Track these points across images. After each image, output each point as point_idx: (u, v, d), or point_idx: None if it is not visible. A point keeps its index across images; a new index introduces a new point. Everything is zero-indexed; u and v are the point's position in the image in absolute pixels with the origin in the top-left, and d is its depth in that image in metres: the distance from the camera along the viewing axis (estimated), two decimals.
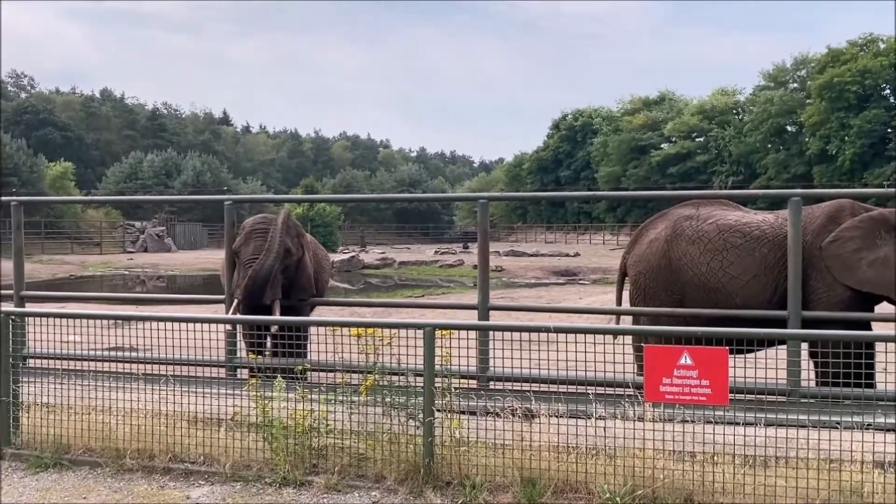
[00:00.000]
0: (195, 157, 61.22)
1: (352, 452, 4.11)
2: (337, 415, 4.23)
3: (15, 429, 4.70)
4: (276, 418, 4.20)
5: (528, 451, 3.83)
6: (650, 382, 3.59)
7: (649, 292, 7.12)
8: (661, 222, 7.37)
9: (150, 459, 4.34)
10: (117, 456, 4.38)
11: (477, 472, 3.87)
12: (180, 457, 4.34)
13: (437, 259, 39.92)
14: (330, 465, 4.11)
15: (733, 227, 6.83)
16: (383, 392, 4.10)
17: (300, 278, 7.80)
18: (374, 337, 4.20)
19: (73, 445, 4.51)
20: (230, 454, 4.27)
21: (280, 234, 7.49)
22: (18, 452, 4.57)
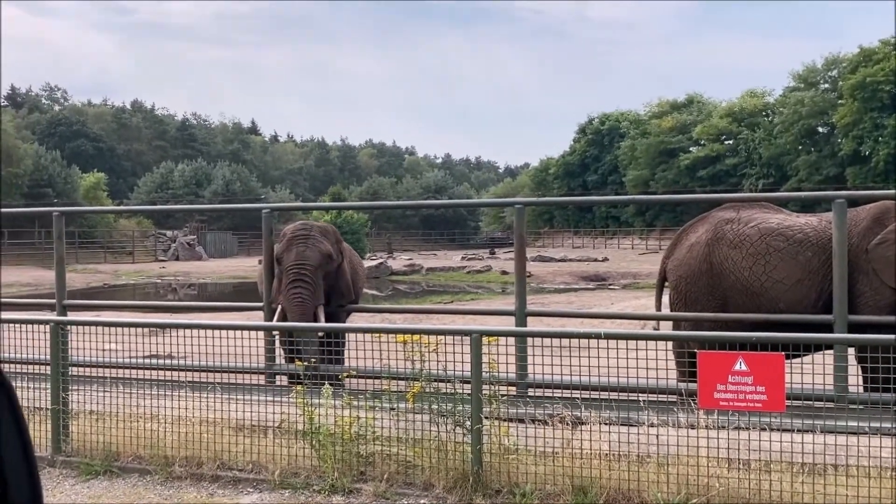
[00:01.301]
0: (225, 167, 61.90)
1: (399, 460, 4.10)
2: (382, 422, 4.22)
3: (65, 436, 4.75)
4: (324, 425, 4.20)
5: (577, 458, 3.78)
6: (704, 389, 3.54)
7: (690, 297, 7.03)
8: (701, 226, 7.28)
9: (199, 467, 4.36)
10: (166, 463, 4.41)
11: (526, 480, 3.84)
12: (228, 464, 4.36)
13: (465, 265, 39.86)
14: (377, 473, 4.10)
15: (775, 230, 6.72)
16: (430, 399, 4.08)
17: (339, 284, 7.83)
18: (420, 343, 4.18)
19: (123, 453, 4.55)
20: (278, 461, 4.28)
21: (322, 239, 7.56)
22: (69, 460, 4.62)
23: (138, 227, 51.09)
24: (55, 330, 4.68)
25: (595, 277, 34.15)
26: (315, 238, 7.62)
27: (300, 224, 7.89)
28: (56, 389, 4.67)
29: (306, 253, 7.46)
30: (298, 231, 7.70)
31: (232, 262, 46.55)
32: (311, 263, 7.42)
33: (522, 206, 7.24)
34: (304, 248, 7.50)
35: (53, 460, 4.64)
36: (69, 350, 5.29)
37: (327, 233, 7.84)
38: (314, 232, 7.69)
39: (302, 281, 7.34)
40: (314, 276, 7.41)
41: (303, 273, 7.36)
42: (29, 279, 33.67)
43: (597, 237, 59.26)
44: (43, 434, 4.84)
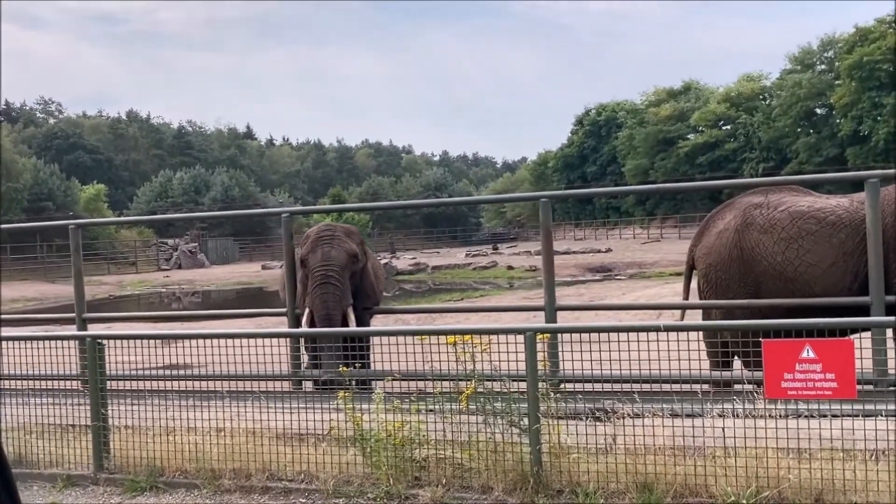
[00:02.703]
0: (223, 173, 61.79)
1: (454, 463, 4.01)
2: (433, 424, 4.13)
3: (105, 452, 4.66)
4: (375, 431, 4.11)
5: (639, 454, 3.69)
6: (770, 378, 3.45)
7: (721, 285, 6.93)
8: (729, 212, 7.17)
9: (247, 479, 4.27)
10: (213, 476, 4.31)
11: (588, 478, 3.75)
12: (277, 475, 4.27)
13: (470, 262, 39.77)
14: (433, 478, 4.01)
15: (806, 213, 6.61)
16: (484, 400, 3.98)
17: (364, 286, 7.72)
18: (471, 343, 4.09)
19: (167, 467, 4.45)
20: (328, 470, 4.19)
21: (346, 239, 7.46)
22: (112, 477, 4.53)
23: (140, 237, 50.98)
24: (92, 345, 4.58)
25: (601, 269, 34.10)
26: (340, 238, 7.52)
27: (324, 225, 7.78)
28: (96, 405, 4.58)
29: (332, 253, 7.34)
30: (323, 232, 7.59)
31: (234, 268, 46.47)
32: (338, 264, 7.30)
33: (548, 200, 7.13)
34: (330, 248, 7.39)
35: (96, 478, 4.54)
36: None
37: (351, 233, 7.74)
38: (338, 232, 7.58)
39: (329, 282, 7.22)
40: (341, 276, 7.30)
41: (330, 274, 7.25)
42: (33, 293, 33.58)
43: (598, 228, 59.21)
44: (81, 451, 4.75)
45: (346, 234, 7.66)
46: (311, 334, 6.74)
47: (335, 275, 7.26)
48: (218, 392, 4.84)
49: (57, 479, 4.57)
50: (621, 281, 29.09)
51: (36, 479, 4.64)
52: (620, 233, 55.53)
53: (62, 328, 11.01)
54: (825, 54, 46.99)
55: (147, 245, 50.95)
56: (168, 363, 5.61)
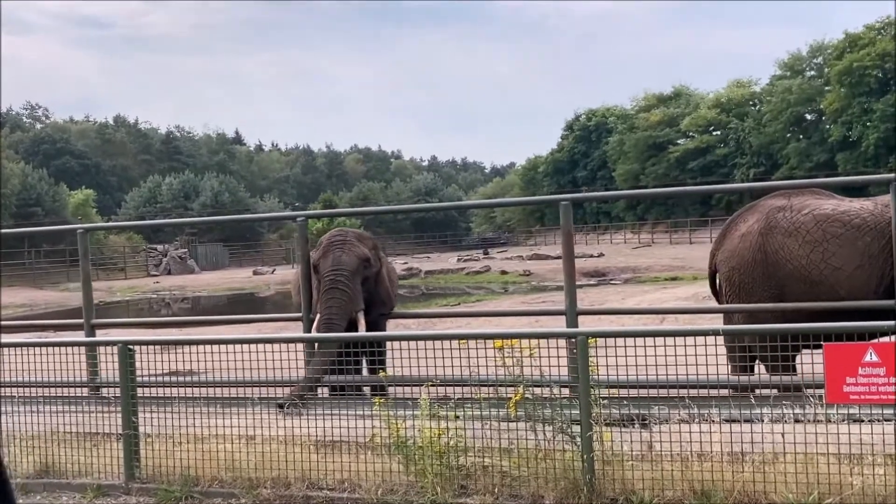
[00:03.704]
0: (213, 178, 61.45)
1: (502, 471, 3.92)
2: (476, 431, 4.04)
3: (136, 461, 4.54)
4: (420, 437, 4.01)
5: (693, 461, 3.62)
6: (832, 383, 3.39)
7: (745, 288, 6.89)
8: (752, 215, 7.14)
9: (287, 488, 4.16)
10: (251, 486, 4.20)
11: (643, 486, 3.67)
12: (318, 484, 4.16)
13: (463, 266, 39.70)
14: (480, 486, 3.92)
15: (831, 216, 6.59)
16: (533, 406, 3.90)
17: (379, 291, 7.62)
18: (516, 348, 4.01)
19: (202, 477, 4.34)
20: (370, 478, 4.09)
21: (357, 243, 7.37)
22: (145, 486, 4.41)
23: (129, 243, 50.57)
24: (123, 351, 4.46)
25: (595, 273, 34.10)
26: (351, 243, 7.43)
27: (337, 230, 7.69)
28: (127, 413, 4.45)
29: (343, 258, 7.25)
30: (335, 237, 7.51)
31: (224, 273, 46.16)
32: (348, 269, 7.21)
33: (569, 203, 7.07)
34: (341, 252, 7.30)
35: (128, 488, 4.42)
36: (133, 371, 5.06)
37: (364, 238, 7.65)
38: (350, 237, 7.50)
39: (337, 287, 7.13)
40: (351, 281, 7.20)
41: (339, 279, 7.15)
42: (23, 300, 33.21)
43: (588, 233, 59.32)
44: (109, 460, 4.62)
45: (359, 239, 7.57)
46: (356, 338, 6.61)
47: (344, 280, 7.17)
48: (248, 398, 4.74)
49: (86, 489, 4.45)
50: (617, 286, 29.10)
51: (65, 488, 4.51)
52: (611, 237, 55.67)
53: (57, 335, 10.86)
54: (815, 60, 47.39)
55: (136, 251, 50.55)
56: (183, 370, 5.49)
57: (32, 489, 4.52)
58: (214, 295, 35.94)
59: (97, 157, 68.94)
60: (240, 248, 56.84)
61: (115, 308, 31.25)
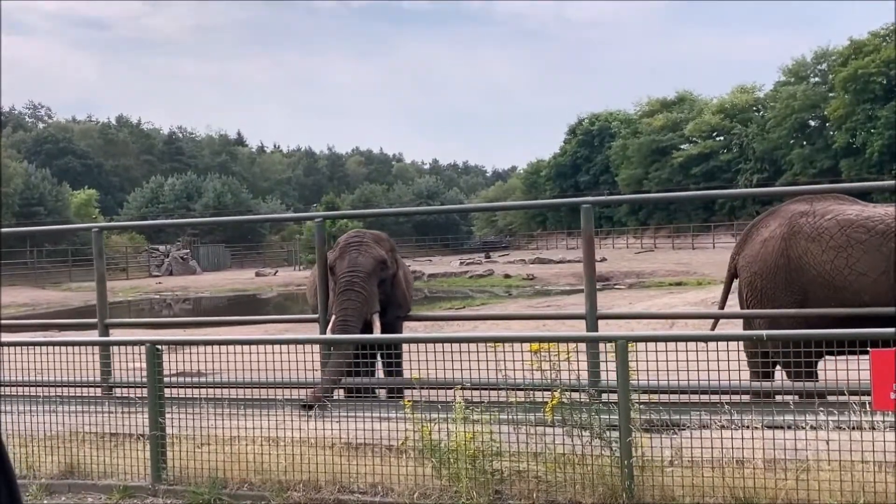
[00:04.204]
0: (215, 179, 61.40)
1: (537, 476, 3.86)
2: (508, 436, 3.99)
3: (162, 462, 4.48)
4: (449, 442, 3.96)
5: (734, 467, 3.57)
6: (879, 389, 3.34)
7: (766, 293, 6.85)
8: (773, 220, 7.10)
9: (317, 491, 4.10)
10: (281, 489, 4.14)
11: (683, 493, 3.62)
12: (349, 487, 4.10)
13: (466, 270, 39.65)
14: (515, 492, 3.87)
15: (855, 222, 6.55)
16: (570, 410, 3.85)
17: (396, 294, 7.57)
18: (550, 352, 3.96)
19: (230, 479, 4.28)
20: (403, 482, 4.03)
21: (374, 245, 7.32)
22: (172, 489, 4.35)
23: (131, 243, 50.49)
24: (151, 351, 4.41)
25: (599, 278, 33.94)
26: (368, 244, 7.38)
27: (353, 232, 7.65)
28: (154, 414, 4.40)
29: (359, 259, 7.20)
30: (352, 238, 7.47)
31: (227, 274, 46.10)
32: (364, 270, 7.16)
33: (591, 206, 7.03)
34: (357, 254, 7.25)
35: (155, 489, 4.36)
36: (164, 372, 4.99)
37: (381, 240, 7.60)
38: (367, 239, 7.46)
39: (352, 289, 7.08)
40: (367, 283, 7.16)
41: (355, 281, 7.10)
42: (25, 299, 33.14)
43: None
44: (134, 461, 4.57)
45: (375, 241, 7.52)
46: (390, 340, 6.56)
47: (360, 281, 7.12)
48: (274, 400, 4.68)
49: (112, 490, 4.39)
50: (621, 290, 29.07)
51: (90, 489, 4.46)
52: (613, 242, 55.62)
53: (61, 335, 10.83)
54: (819, 66, 47.38)
55: (138, 251, 50.47)
56: (175, 370, 5.42)
57: (57, 490, 4.47)
58: (216, 296, 35.88)
59: (99, 157, 68.90)
60: (241, 250, 56.77)
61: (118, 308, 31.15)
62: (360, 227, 52.48)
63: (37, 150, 63.03)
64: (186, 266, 49.17)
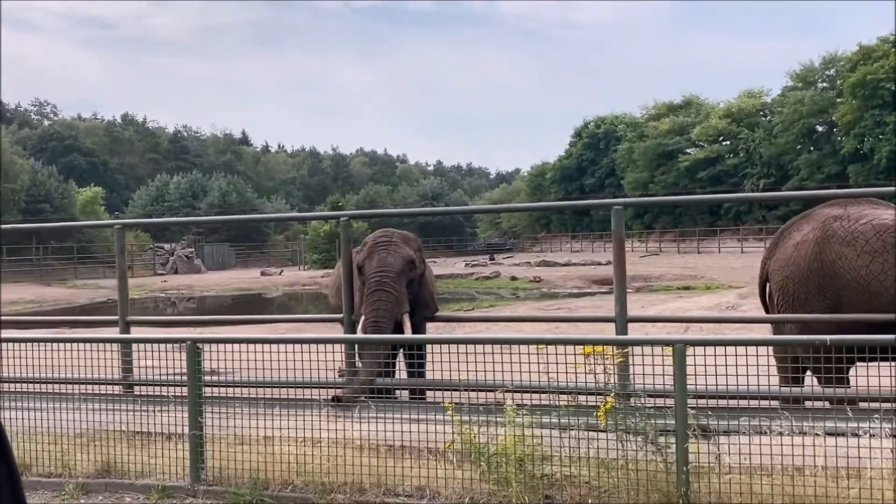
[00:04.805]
0: (220, 178, 61.37)
1: (588, 482, 3.79)
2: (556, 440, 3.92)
3: (200, 462, 4.41)
4: (501, 445, 3.89)
5: (797, 475, 3.49)
6: None
7: (799, 298, 6.77)
8: (806, 224, 7.02)
9: (361, 494, 4.03)
10: (324, 491, 4.07)
11: (741, 500, 3.54)
12: (394, 490, 4.03)
13: (472, 272, 39.57)
14: (566, 496, 3.79)
15: (891, 226, 6.47)
16: (624, 415, 3.78)
17: (423, 294, 7.50)
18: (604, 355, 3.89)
19: (271, 480, 4.20)
20: (449, 485, 3.96)
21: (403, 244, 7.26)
22: (211, 489, 4.28)
23: (136, 241, 50.47)
24: (192, 349, 4.34)
25: (606, 281, 33.88)
26: (397, 244, 7.32)
27: (381, 231, 7.58)
28: (194, 413, 4.33)
29: (388, 259, 7.13)
30: (380, 238, 7.40)
31: (231, 274, 46.03)
32: (394, 270, 7.10)
33: (622, 208, 6.96)
34: (386, 254, 7.18)
35: (194, 490, 4.29)
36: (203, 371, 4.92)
37: (409, 240, 7.54)
38: (395, 238, 7.39)
39: (383, 289, 7.01)
40: (397, 282, 7.09)
41: (385, 280, 7.04)
42: (31, 296, 33.08)
43: (595, 241, 59.19)
44: (172, 461, 4.50)
45: (404, 241, 7.45)
46: (427, 341, 6.49)
47: (390, 281, 7.05)
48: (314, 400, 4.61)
49: (150, 490, 4.32)
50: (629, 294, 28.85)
51: (127, 489, 4.38)
52: None
53: (62, 332, 10.78)
54: (827, 72, 47.29)
55: (143, 249, 50.42)
56: (214, 369, 5.35)
57: (93, 489, 4.40)
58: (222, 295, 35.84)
59: (104, 155, 68.91)
60: (246, 249, 56.73)
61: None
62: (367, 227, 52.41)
63: (42, 147, 63.05)
64: (191, 265, 49.13)
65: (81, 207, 48.62)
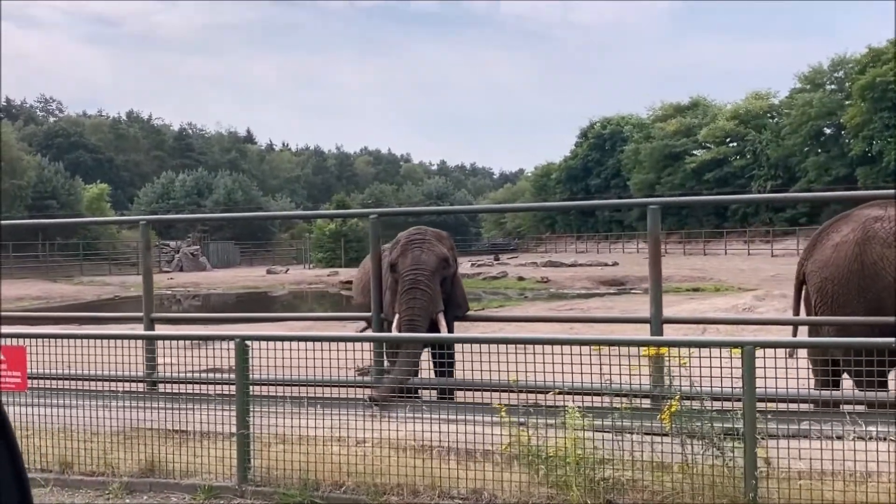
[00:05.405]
0: (226, 176, 61.32)
1: (653, 486, 3.71)
2: (614, 443, 3.83)
3: (247, 462, 4.32)
4: (559, 447, 3.81)
5: (869, 480, 3.41)
6: None
7: (838, 300, 6.67)
8: (845, 225, 6.93)
9: (415, 496, 3.94)
10: (377, 492, 3.98)
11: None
12: (448, 492, 3.94)
13: (479, 272, 39.47)
14: (627, 501, 3.71)
15: None
16: (689, 418, 3.69)
17: (456, 293, 7.42)
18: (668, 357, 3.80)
19: (322, 480, 4.12)
20: (505, 488, 3.87)
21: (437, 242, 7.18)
22: (259, 490, 4.19)
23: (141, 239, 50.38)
24: (240, 346, 4.25)
25: (614, 282, 33.80)
26: (430, 242, 7.24)
27: (415, 229, 7.49)
28: (242, 412, 4.24)
29: (422, 257, 7.05)
30: (414, 235, 7.31)
31: (237, 272, 45.97)
32: (428, 268, 7.01)
33: (658, 207, 6.86)
34: (420, 251, 7.10)
35: (242, 490, 4.20)
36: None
37: (442, 238, 7.45)
38: (429, 235, 7.31)
39: (418, 287, 6.93)
40: (432, 280, 7.01)
41: (419, 279, 6.95)
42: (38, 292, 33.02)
43: (600, 241, 59.07)
44: (216, 461, 4.41)
45: (437, 238, 7.37)
46: (477, 341, 6.40)
47: (425, 279, 6.96)
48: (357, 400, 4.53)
49: (196, 490, 4.23)
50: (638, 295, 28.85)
51: (173, 489, 4.30)
52: (623, 246, 55.41)
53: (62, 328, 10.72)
54: (836, 74, 47.14)
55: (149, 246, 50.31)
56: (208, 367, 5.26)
57: (138, 489, 4.32)
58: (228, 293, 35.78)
59: (110, 152, 68.88)
60: (251, 247, 56.67)
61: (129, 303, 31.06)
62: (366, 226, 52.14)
63: (48, 143, 62.99)
64: (197, 262, 49.06)
65: (88, 204, 48.57)
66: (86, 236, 44.40)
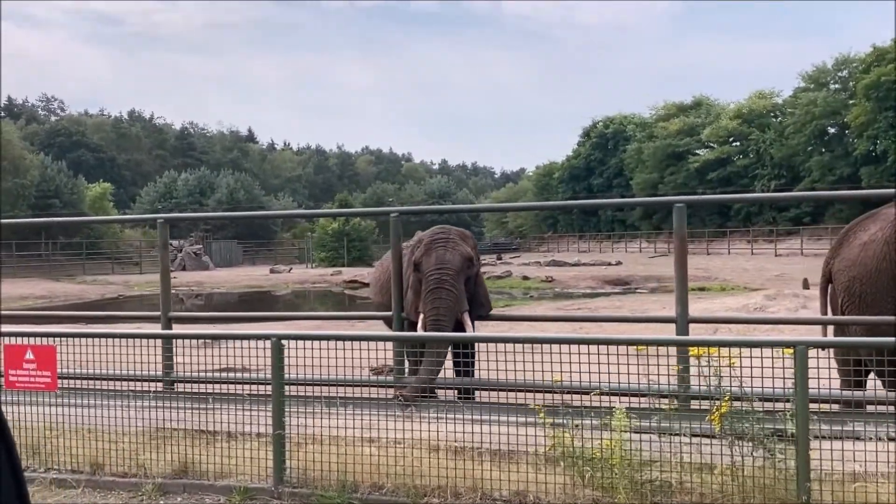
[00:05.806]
0: (228, 175, 61.25)
1: (701, 488, 3.64)
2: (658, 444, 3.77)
3: (282, 463, 4.26)
4: (603, 449, 3.74)
5: None
6: None
7: (866, 299, 6.60)
8: (873, 223, 6.86)
9: (456, 498, 3.88)
10: (417, 494, 3.92)
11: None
12: (490, 495, 3.88)
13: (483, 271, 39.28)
14: (675, 502, 3.64)
15: None
16: (739, 420, 3.62)
17: (479, 293, 7.36)
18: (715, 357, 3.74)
19: (361, 482, 4.05)
20: (549, 490, 3.81)
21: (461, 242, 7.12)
22: (296, 491, 4.12)
23: (144, 238, 50.30)
24: (276, 345, 4.19)
25: (618, 282, 33.71)
26: (455, 241, 7.17)
27: (439, 228, 7.42)
28: (278, 412, 4.18)
29: (447, 256, 6.98)
30: (437, 235, 7.24)
31: (240, 271, 45.91)
32: (453, 268, 6.95)
33: (684, 206, 6.80)
34: (444, 251, 7.03)
35: (279, 492, 4.13)
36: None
37: (466, 237, 7.39)
38: (453, 235, 7.24)
39: (443, 287, 6.86)
40: (457, 280, 6.94)
41: (444, 278, 6.89)
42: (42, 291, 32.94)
43: (602, 241, 58.99)
44: (250, 462, 4.35)
45: (461, 238, 7.31)
46: (512, 340, 6.35)
47: (449, 279, 6.90)
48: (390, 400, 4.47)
49: (232, 492, 4.17)
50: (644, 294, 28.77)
51: (207, 490, 4.23)
52: (626, 246, 55.34)
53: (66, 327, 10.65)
54: (840, 73, 47.05)
55: (151, 246, 50.25)
56: (222, 366, 5.21)
57: (171, 490, 4.25)
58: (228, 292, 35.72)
59: (112, 151, 68.80)
60: (253, 246, 56.61)
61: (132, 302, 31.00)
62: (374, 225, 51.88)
63: (50, 142, 62.92)
64: (199, 261, 48.98)
65: (90, 203, 48.49)
66: (89, 235, 44.32)
